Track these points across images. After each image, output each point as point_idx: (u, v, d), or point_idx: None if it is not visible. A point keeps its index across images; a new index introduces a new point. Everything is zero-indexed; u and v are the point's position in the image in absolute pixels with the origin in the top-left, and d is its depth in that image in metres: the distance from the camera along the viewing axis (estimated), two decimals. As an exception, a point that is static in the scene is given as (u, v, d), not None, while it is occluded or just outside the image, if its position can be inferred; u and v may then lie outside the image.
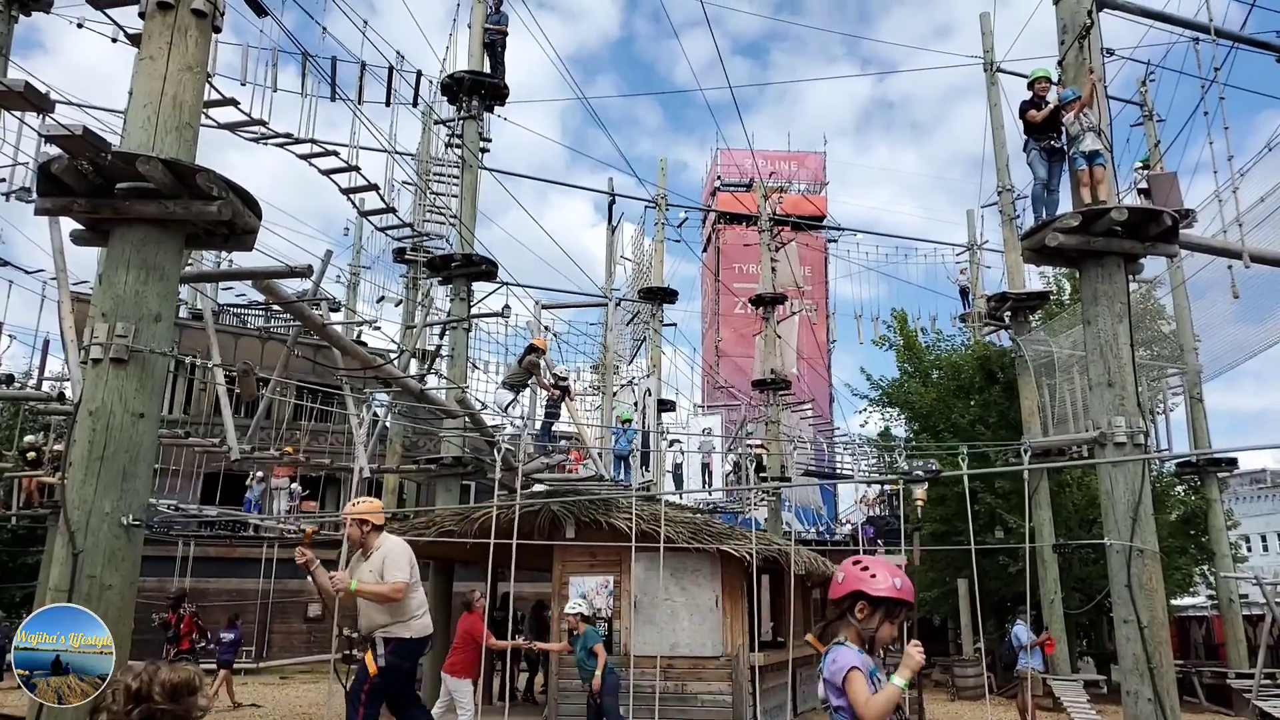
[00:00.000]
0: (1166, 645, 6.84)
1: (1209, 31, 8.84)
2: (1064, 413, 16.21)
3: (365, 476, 12.73)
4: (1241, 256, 8.48)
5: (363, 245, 22.81)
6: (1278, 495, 46.71)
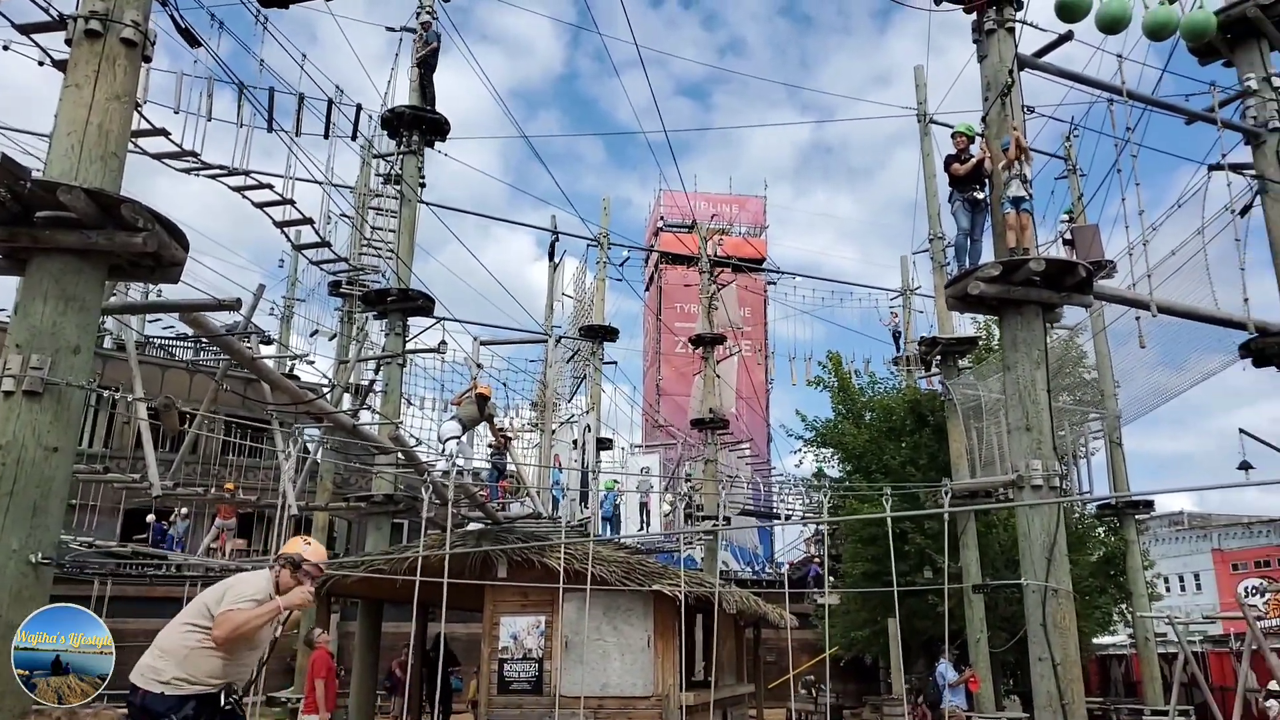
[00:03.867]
0: (1079, 682, 7.03)
1: (1122, 93, 9.29)
2: (991, 455, 16.61)
3: (294, 514, 12.47)
4: (1150, 307, 8.86)
5: (298, 278, 22.53)
6: (1194, 537, 48.24)
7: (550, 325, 20.12)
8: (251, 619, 4.56)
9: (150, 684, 4.49)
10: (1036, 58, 9.00)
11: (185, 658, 4.54)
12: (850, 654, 24.06)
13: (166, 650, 4.58)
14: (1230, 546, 46.04)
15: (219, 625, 4.46)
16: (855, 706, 24.49)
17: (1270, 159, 9.46)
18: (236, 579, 4.79)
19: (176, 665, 4.51)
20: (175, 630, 4.67)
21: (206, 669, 4.55)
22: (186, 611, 4.70)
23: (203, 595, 4.73)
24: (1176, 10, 9.40)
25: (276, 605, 4.66)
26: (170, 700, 4.47)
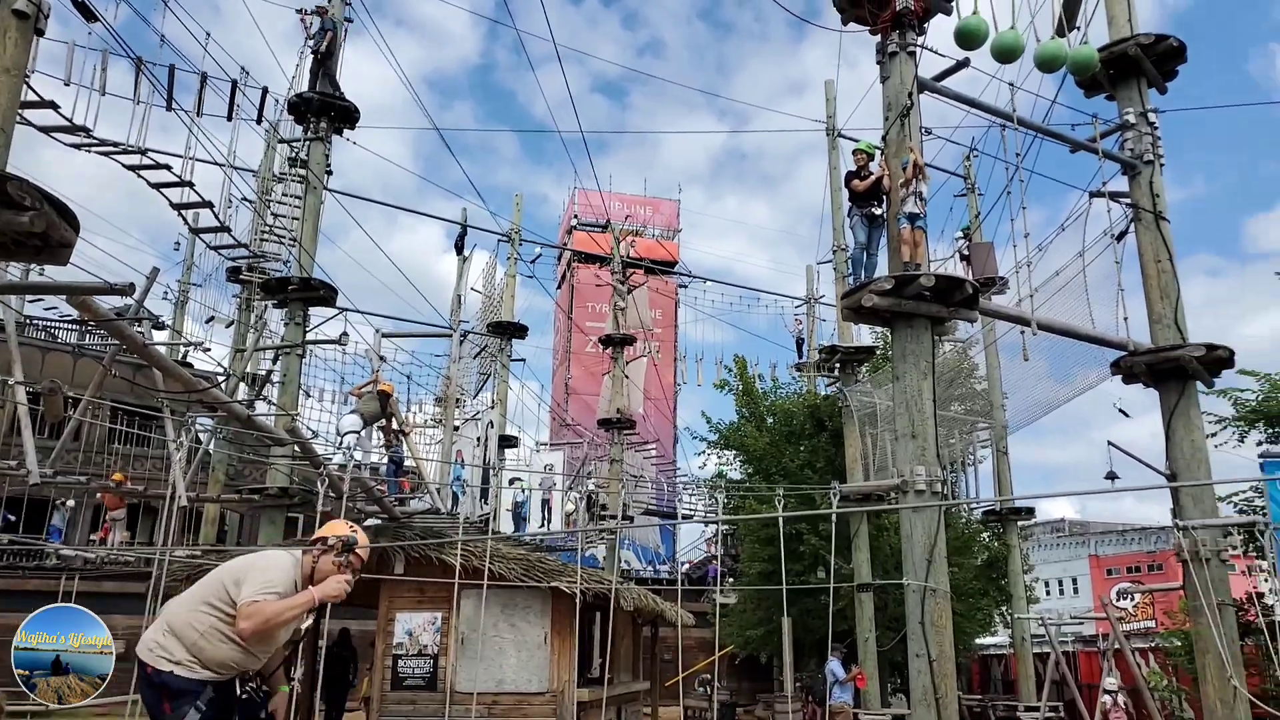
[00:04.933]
0: (952, 678, 7.40)
1: (1013, 120, 9.76)
2: (884, 461, 17.22)
3: (184, 505, 12.11)
4: (1031, 325, 9.35)
5: (194, 262, 21.75)
6: (1073, 544, 50.68)
7: (457, 320, 19.95)
8: (284, 612, 4.01)
9: (159, 661, 4.00)
10: (936, 81, 9.38)
11: (195, 642, 4.02)
12: (745, 652, 24.56)
13: (175, 629, 4.06)
14: (1105, 553, 48.53)
15: (247, 617, 3.91)
16: (748, 704, 25.01)
17: (1144, 189, 10.08)
18: (257, 558, 4.23)
19: (185, 648, 4.01)
20: (187, 608, 4.11)
21: (217, 657, 4.05)
22: (201, 589, 4.16)
23: (220, 573, 4.18)
24: (1065, 45, 9.94)
25: (311, 597, 4.09)
26: (190, 681, 3.99)
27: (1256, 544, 11.44)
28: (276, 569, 4.12)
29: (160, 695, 3.95)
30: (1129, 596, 24.98)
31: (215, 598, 4.05)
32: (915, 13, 9.01)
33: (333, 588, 4.16)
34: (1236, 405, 12.79)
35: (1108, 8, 10.62)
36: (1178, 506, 9.21)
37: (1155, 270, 9.82)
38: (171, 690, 3.93)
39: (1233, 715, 8.30)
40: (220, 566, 4.18)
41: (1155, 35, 10.07)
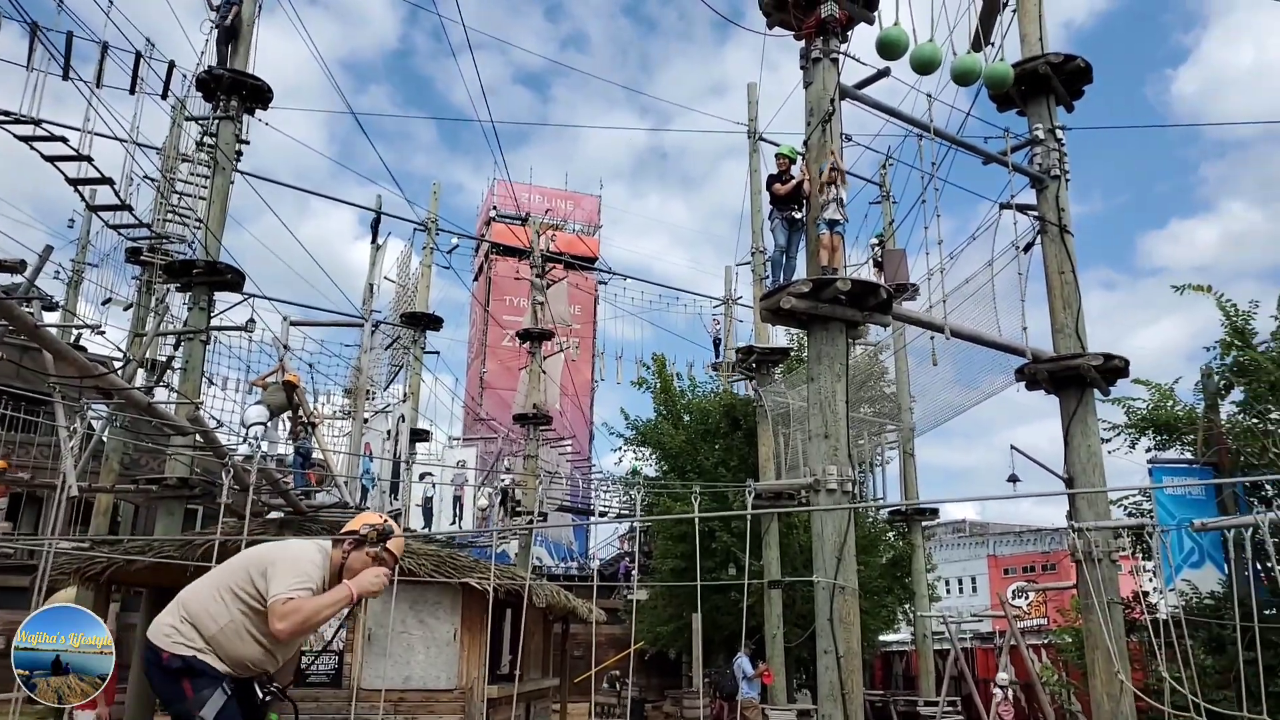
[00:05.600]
0: (858, 673, 7.55)
1: (930, 130, 10.00)
2: (796, 460, 17.50)
3: (74, 495, 11.54)
4: (944, 330, 9.61)
5: (90, 241, 20.74)
6: (973, 544, 52.48)
7: (369, 310, 19.51)
8: (323, 610, 3.57)
9: (176, 646, 3.59)
10: (857, 89, 9.56)
11: (213, 635, 3.61)
12: (655, 649, 24.69)
13: (194, 616, 3.65)
14: (1003, 553, 50.36)
15: (283, 617, 3.47)
16: (657, 700, 25.13)
17: (1051, 203, 10.45)
18: (284, 547, 3.82)
19: (203, 640, 3.61)
20: (206, 597, 3.69)
21: (235, 654, 3.64)
22: (222, 576, 3.76)
23: (243, 562, 3.75)
24: (980, 59, 10.24)
25: (350, 593, 3.65)
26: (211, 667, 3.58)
27: (1143, 545, 11.99)
28: (308, 561, 3.71)
29: (178, 677, 3.57)
30: (1024, 595, 25.98)
31: (239, 588, 3.65)
32: (839, 20, 9.15)
33: (371, 582, 3.74)
34: (1129, 413, 13.37)
35: (1020, 26, 10.97)
36: (1073, 509, 9.59)
37: (1059, 281, 10.19)
38: (193, 669, 3.55)
39: (1118, 708, 8.68)
40: (240, 554, 3.81)
41: (1064, 55, 10.45)
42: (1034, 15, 10.85)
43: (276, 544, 3.85)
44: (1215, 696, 9.23)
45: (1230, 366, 12.61)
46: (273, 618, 3.49)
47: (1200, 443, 12.79)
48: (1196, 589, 12.35)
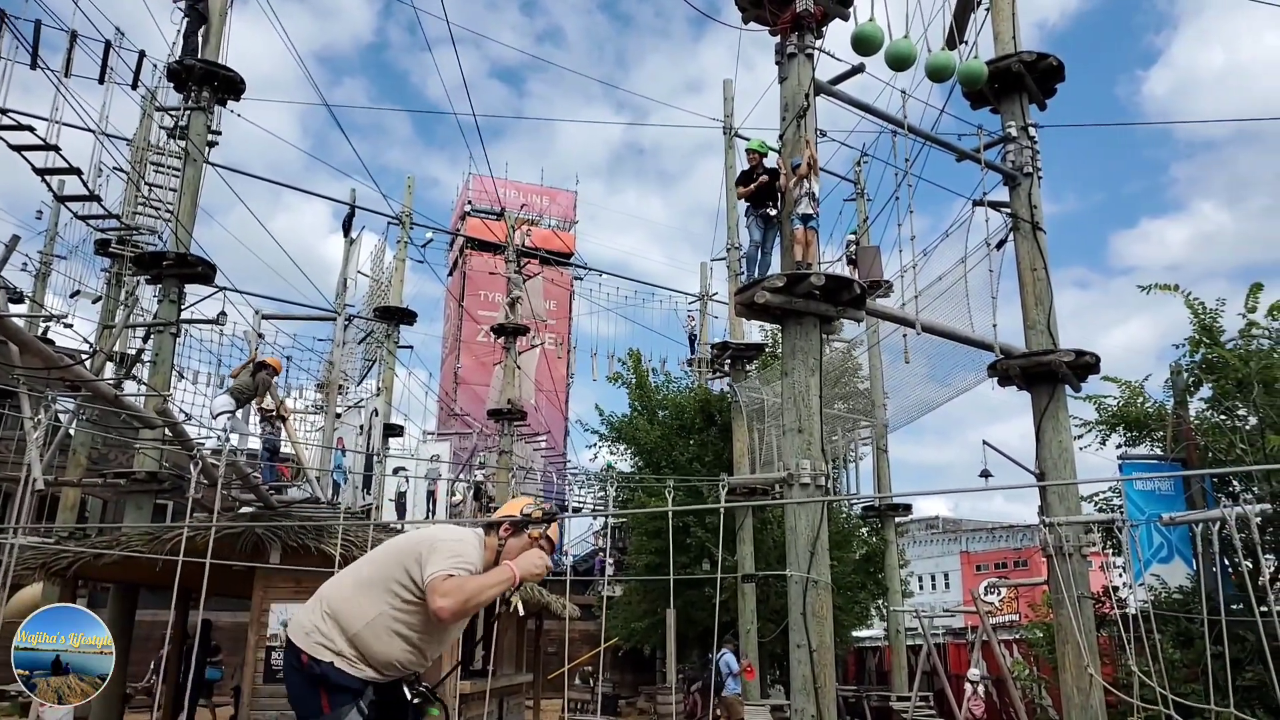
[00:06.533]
0: (831, 668, 7.58)
1: (904, 127, 10.04)
2: (770, 455, 17.55)
3: (39, 489, 11.36)
4: (915, 326, 9.66)
5: (59, 233, 20.42)
6: (946, 540, 52.91)
7: (342, 303, 19.34)
8: (486, 589, 3.31)
9: (317, 649, 3.32)
10: (832, 85, 9.58)
11: (358, 633, 3.33)
12: (629, 645, 24.70)
13: (337, 612, 3.37)
14: (976, 549, 50.81)
15: (445, 594, 3.19)
16: (631, 696, 25.16)
17: (1023, 200, 10.53)
18: (440, 530, 3.55)
19: (347, 639, 3.33)
20: (352, 589, 3.43)
21: (383, 654, 3.36)
22: (370, 567, 3.50)
23: (395, 550, 3.49)
24: (955, 56, 10.29)
25: (512, 574, 3.39)
26: (353, 678, 3.30)
27: (1114, 540, 12.12)
28: (465, 543, 3.47)
29: (316, 689, 3.31)
30: (996, 591, 26.21)
31: (391, 579, 3.36)
32: (814, 16, 9.17)
33: (534, 563, 3.51)
34: (1100, 410, 13.52)
35: (994, 24, 11.04)
36: (1045, 504, 9.67)
37: (1031, 278, 10.27)
38: (331, 683, 3.29)
39: (1088, 701, 8.77)
40: (387, 544, 3.57)
41: (1037, 53, 10.53)
42: (1007, 14, 10.92)
43: (428, 529, 3.60)
44: (1183, 690, 9.35)
45: (1199, 364, 12.78)
46: (433, 595, 3.21)
47: (1169, 439, 12.96)
48: (1165, 584, 12.51)
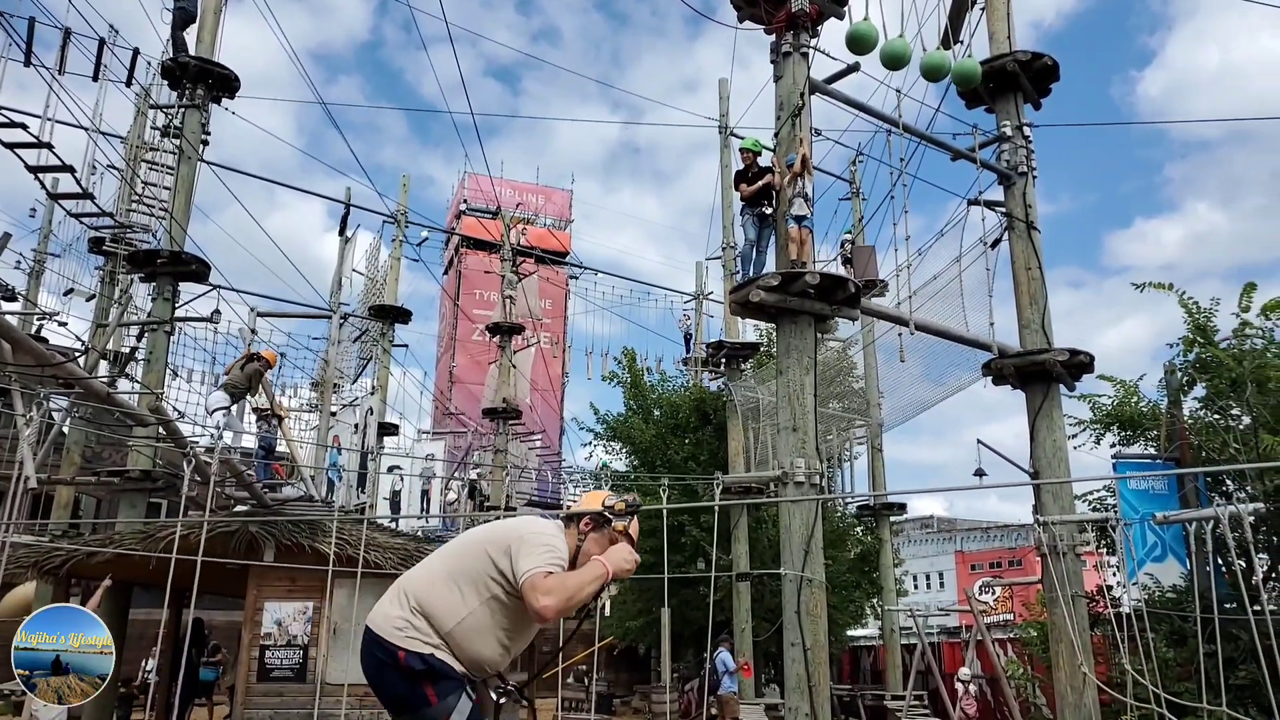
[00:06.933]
0: (825, 666, 7.58)
1: (898, 126, 10.05)
2: (765, 455, 17.58)
3: (32, 488, 11.33)
4: (909, 325, 9.66)
5: (52, 230, 20.38)
6: (940, 539, 52.98)
7: (337, 302, 19.31)
8: (585, 587, 3.14)
9: (413, 643, 3.11)
10: (827, 84, 9.59)
11: (449, 631, 3.13)
12: (624, 644, 24.69)
13: (428, 609, 3.16)
14: (970, 549, 50.88)
15: (547, 592, 3.03)
16: (626, 695, 25.15)
17: (1018, 199, 10.54)
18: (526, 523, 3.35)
19: (438, 637, 3.14)
20: (442, 585, 3.20)
21: (472, 653, 3.17)
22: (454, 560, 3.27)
23: (477, 543, 3.28)
24: (949, 56, 10.30)
25: (606, 571, 3.22)
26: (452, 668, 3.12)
27: (1108, 539, 12.15)
28: (554, 537, 3.29)
29: (419, 682, 3.10)
30: (991, 590, 26.23)
31: (483, 574, 3.18)
32: (809, 15, 9.17)
33: (625, 559, 3.33)
34: (1094, 409, 13.54)
35: (989, 24, 11.05)
36: (1039, 503, 9.68)
37: (1026, 277, 10.28)
38: (435, 673, 3.09)
39: (1081, 700, 8.79)
40: (468, 537, 3.37)
41: (1032, 53, 10.54)
42: (1002, 13, 10.93)
43: (511, 521, 3.43)
44: (1176, 688, 9.38)
45: (1193, 363, 12.81)
46: (534, 594, 3.04)
47: (1163, 438, 12.98)
48: (1159, 582, 12.54)
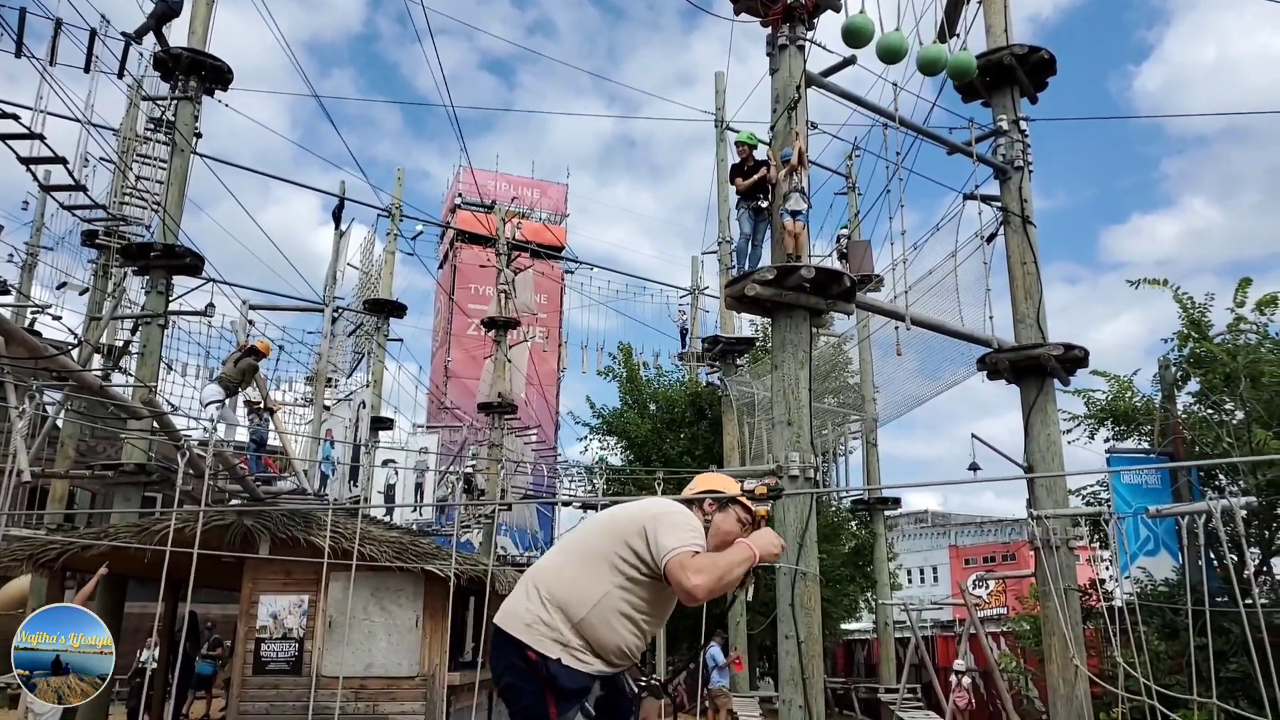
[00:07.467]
0: (819, 659, 7.60)
1: (895, 120, 10.04)
2: (760, 449, 17.59)
3: (26, 481, 11.30)
4: (905, 320, 9.67)
5: (45, 223, 20.30)
6: (935, 534, 53.16)
7: (331, 296, 19.27)
8: (734, 568, 2.96)
9: (545, 644, 2.93)
10: (823, 77, 9.57)
11: (584, 618, 2.95)
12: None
13: (559, 599, 2.98)
14: (964, 543, 51.04)
15: (700, 570, 2.85)
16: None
17: (1014, 194, 10.54)
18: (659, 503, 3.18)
19: (573, 626, 2.94)
20: (572, 571, 3.05)
21: (608, 641, 2.97)
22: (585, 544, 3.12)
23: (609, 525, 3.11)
24: (946, 50, 10.28)
25: (753, 553, 3.04)
26: (581, 676, 2.93)
27: (1101, 533, 12.18)
28: (693, 518, 3.11)
29: (544, 692, 2.93)
30: (984, 584, 26.30)
31: (613, 554, 3.00)
32: (806, 7, 9.15)
33: (773, 543, 3.16)
34: (1088, 404, 13.56)
35: (986, 17, 11.04)
36: (1033, 497, 9.70)
37: (1021, 272, 10.29)
38: (559, 688, 2.91)
39: (1073, 692, 8.82)
40: (597, 518, 3.20)
41: (1029, 46, 10.53)
42: (999, 7, 10.92)
43: (639, 503, 3.25)
44: (1168, 681, 9.40)
45: (1187, 358, 12.82)
46: (683, 572, 2.86)
47: (1157, 433, 13.01)
48: (1151, 576, 12.58)
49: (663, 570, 2.91)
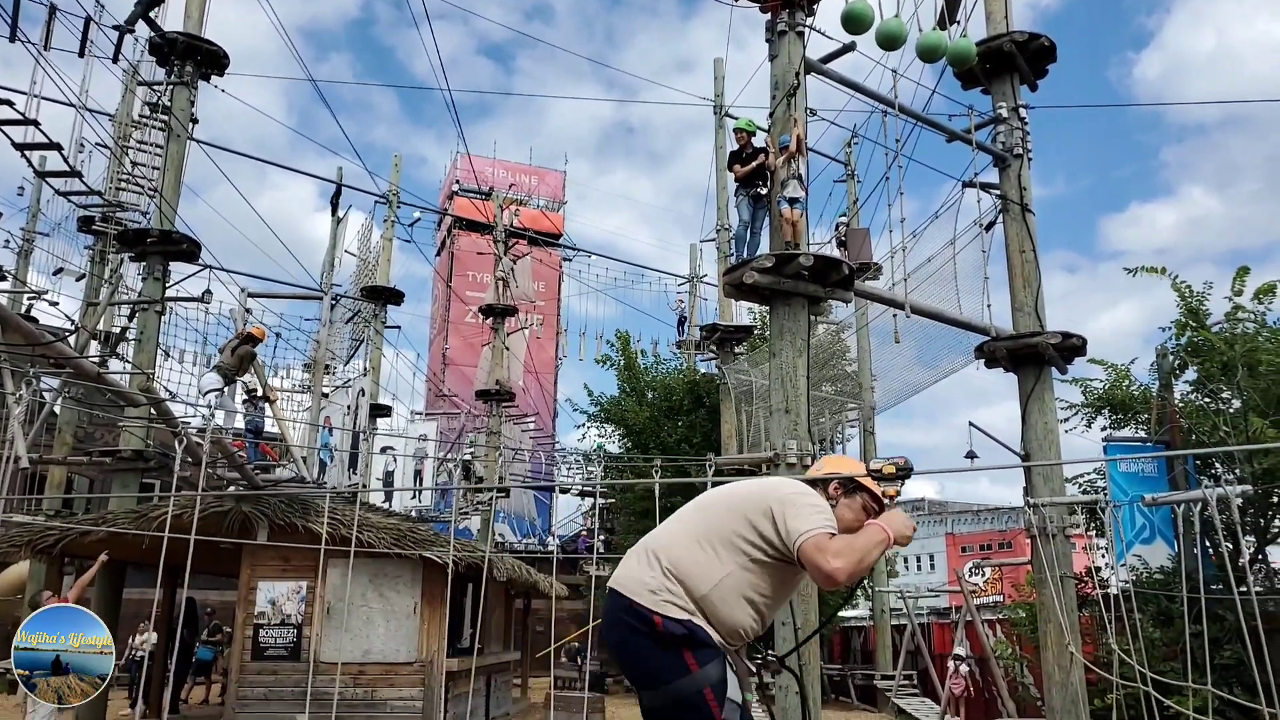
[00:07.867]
0: (815, 646, 7.63)
1: (894, 107, 10.00)
2: (758, 437, 17.60)
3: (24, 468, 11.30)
4: (905, 308, 9.66)
5: (41, 209, 20.23)
6: (931, 522, 53.25)
7: (329, 283, 19.23)
8: (871, 551, 2.85)
9: (668, 607, 2.81)
10: (823, 63, 9.53)
11: (704, 595, 2.83)
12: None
13: (681, 572, 2.86)
14: (961, 531, 51.16)
15: (839, 553, 2.76)
16: (618, 674, 25.27)
17: (1013, 181, 10.52)
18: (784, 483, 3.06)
19: (694, 602, 2.84)
20: (693, 546, 2.91)
21: (728, 620, 2.86)
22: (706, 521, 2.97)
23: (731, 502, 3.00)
24: (945, 37, 10.24)
25: (887, 536, 2.92)
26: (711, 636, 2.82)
27: (1097, 521, 12.21)
28: (821, 499, 3.01)
29: (678, 649, 2.79)
30: (981, 571, 26.39)
31: (736, 534, 2.88)
32: (805, -7, 9.11)
33: (905, 524, 3.02)
34: (1086, 392, 13.58)
35: (986, 4, 10.98)
36: (1030, 485, 9.72)
37: (1019, 260, 10.28)
38: (695, 640, 2.78)
39: (1068, 679, 8.86)
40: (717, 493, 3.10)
41: (1029, 33, 10.49)
42: (999, -7, 10.87)
43: (762, 481, 3.18)
44: (1162, 668, 9.45)
45: (1184, 347, 12.84)
46: (821, 555, 2.76)
47: (1154, 421, 13.03)
48: (1147, 564, 12.63)
49: (796, 554, 2.80)
